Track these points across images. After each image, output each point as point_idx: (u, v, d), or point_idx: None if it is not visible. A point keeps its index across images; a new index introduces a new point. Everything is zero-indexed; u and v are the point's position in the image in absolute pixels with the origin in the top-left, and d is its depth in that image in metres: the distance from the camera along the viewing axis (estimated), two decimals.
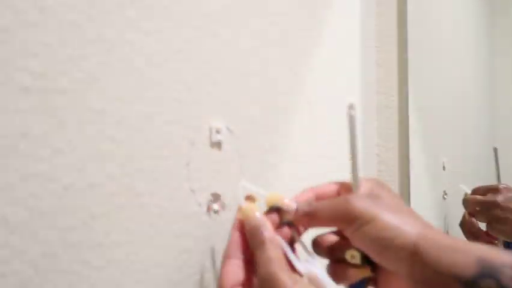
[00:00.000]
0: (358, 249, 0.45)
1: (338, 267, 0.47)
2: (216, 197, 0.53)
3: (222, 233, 0.53)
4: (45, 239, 0.37)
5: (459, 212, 0.99)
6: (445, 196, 1.04)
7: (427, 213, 1.01)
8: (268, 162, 0.62)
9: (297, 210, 0.46)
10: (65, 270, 0.38)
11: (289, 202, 0.47)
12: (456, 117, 1.16)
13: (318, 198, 0.49)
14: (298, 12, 0.71)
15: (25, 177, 0.35)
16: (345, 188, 0.49)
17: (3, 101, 0.34)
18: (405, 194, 0.94)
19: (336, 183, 0.50)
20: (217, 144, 0.53)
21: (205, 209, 0.52)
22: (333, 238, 0.49)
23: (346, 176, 0.49)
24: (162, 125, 0.47)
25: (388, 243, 0.41)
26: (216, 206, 0.53)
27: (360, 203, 0.43)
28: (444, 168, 1.05)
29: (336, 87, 0.81)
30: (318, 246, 0.49)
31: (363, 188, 0.48)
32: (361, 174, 0.48)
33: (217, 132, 0.53)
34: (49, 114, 0.37)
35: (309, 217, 0.45)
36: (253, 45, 0.60)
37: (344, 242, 0.47)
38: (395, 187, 0.93)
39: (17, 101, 0.35)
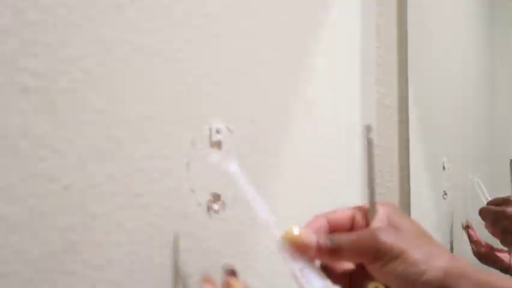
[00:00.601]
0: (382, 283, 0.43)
1: None
2: (216, 197, 0.53)
3: (222, 233, 0.53)
4: (45, 239, 0.37)
5: (459, 211, 0.99)
6: (445, 196, 1.04)
7: (427, 213, 1.01)
8: (268, 162, 0.62)
9: (318, 245, 0.42)
10: (65, 270, 0.38)
11: (308, 235, 0.43)
12: (456, 117, 1.16)
13: (332, 226, 0.46)
14: (298, 12, 0.71)
15: (25, 177, 0.35)
16: (360, 215, 0.47)
17: (3, 101, 0.34)
18: (405, 194, 0.94)
19: (349, 209, 0.48)
20: (217, 144, 0.53)
21: (205, 209, 0.52)
22: (349, 266, 0.47)
23: (346, 176, 0.49)
24: (162, 125, 0.47)
25: (416, 279, 0.40)
26: (216, 206, 0.53)
27: (387, 237, 0.42)
28: (444, 168, 1.05)
29: (336, 87, 0.81)
30: (329, 272, 0.46)
31: (381, 215, 0.46)
32: (361, 174, 0.48)
33: (217, 132, 0.53)
34: (49, 114, 0.37)
35: (332, 253, 0.43)
36: (253, 45, 0.60)
37: (363, 271, 0.45)
38: (395, 187, 0.93)
39: (17, 101, 0.35)
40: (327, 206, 0.50)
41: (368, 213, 0.47)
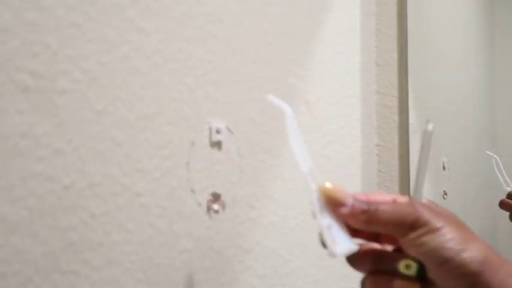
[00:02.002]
0: (415, 260, 0.41)
1: (379, 278, 0.42)
2: (216, 197, 0.53)
3: (222, 233, 0.53)
4: (45, 239, 0.37)
5: (459, 211, 0.99)
6: (445, 196, 1.04)
7: None
8: (268, 162, 0.62)
9: (353, 206, 0.41)
10: (65, 270, 0.38)
11: (345, 193, 0.41)
12: (456, 117, 1.16)
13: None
14: (298, 12, 0.71)
15: (25, 177, 0.35)
16: (401, 200, 0.45)
17: (3, 101, 0.34)
18: (405, 194, 0.94)
19: (390, 195, 0.46)
20: (217, 144, 0.53)
21: (205, 209, 0.52)
22: (374, 246, 0.44)
23: (346, 176, 0.49)
24: (162, 125, 0.47)
25: (453, 256, 0.38)
26: (216, 206, 0.53)
27: (427, 210, 0.40)
28: (444, 168, 1.05)
29: (336, 87, 0.81)
30: (355, 256, 0.43)
31: (423, 200, 0.44)
32: (361, 174, 0.48)
33: (217, 132, 0.53)
34: (49, 114, 0.37)
35: (368, 216, 0.40)
36: (253, 45, 0.60)
37: (390, 252, 0.43)
38: (395, 187, 0.93)
39: (17, 101, 0.35)
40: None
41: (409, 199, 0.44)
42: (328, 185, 0.42)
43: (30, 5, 0.36)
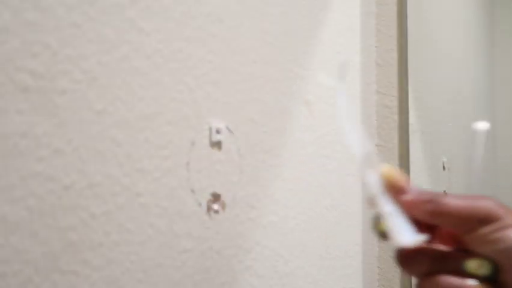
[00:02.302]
0: (487, 258, 0.36)
1: (446, 280, 0.37)
2: (216, 197, 0.53)
3: (222, 233, 0.53)
4: (45, 239, 0.37)
5: None
6: None
7: None
8: (268, 162, 0.62)
9: (417, 195, 0.37)
10: (65, 270, 0.38)
11: (409, 181, 0.38)
12: (456, 117, 1.16)
13: None
14: (299, 12, 0.71)
15: (25, 177, 0.35)
16: None
17: (3, 101, 0.34)
18: None
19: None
20: (217, 144, 0.53)
21: (205, 209, 0.52)
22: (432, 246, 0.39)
23: (346, 176, 0.49)
24: (162, 125, 0.47)
25: None
26: (216, 206, 0.53)
27: (500, 205, 0.35)
28: (444, 168, 1.05)
29: (336, 87, 0.81)
30: (409, 256, 0.38)
31: None
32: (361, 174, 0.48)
33: (217, 132, 0.53)
34: (49, 114, 0.37)
35: (434, 205, 0.36)
36: (253, 45, 0.60)
37: (453, 251, 0.38)
38: None
39: (17, 101, 0.35)
40: (327, 206, 0.50)
41: None
42: (389, 169, 0.38)
43: (30, 5, 0.36)
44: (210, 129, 0.52)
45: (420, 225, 0.37)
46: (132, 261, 0.43)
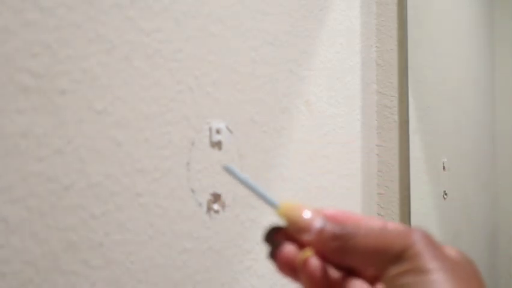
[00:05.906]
0: None
1: None
2: (216, 197, 0.53)
3: (222, 233, 0.53)
4: (45, 239, 0.37)
5: (459, 211, 0.99)
6: (445, 196, 1.04)
7: (427, 213, 1.01)
8: (268, 162, 0.62)
9: (322, 229, 0.32)
10: (65, 270, 0.38)
11: (312, 215, 0.33)
12: (456, 117, 1.16)
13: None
14: (298, 12, 0.71)
15: (25, 177, 0.35)
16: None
17: (3, 101, 0.34)
18: (405, 194, 0.94)
19: (383, 221, 0.35)
20: (217, 144, 0.53)
21: (205, 209, 0.52)
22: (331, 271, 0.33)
23: (346, 176, 0.49)
24: (162, 125, 0.47)
25: None
26: (216, 206, 0.53)
27: (424, 241, 0.29)
28: (444, 168, 1.05)
29: (336, 87, 0.81)
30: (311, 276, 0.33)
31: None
32: (361, 174, 0.48)
33: (217, 132, 0.53)
34: (49, 114, 0.37)
35: (341, 242, 0.31)
36: (253, 45, 0.60)
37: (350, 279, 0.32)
38: (395, 187, 0.93)
39: (17, 101, 0.35)
40: (327, 206, 0.50)
41: None
42: (287, 207, 0.33)
43: (30, 5, 0.36)
44: (210, 129, 0.52)
45: (341, 268, 0.32)
46: (132, 261, 0.43)
